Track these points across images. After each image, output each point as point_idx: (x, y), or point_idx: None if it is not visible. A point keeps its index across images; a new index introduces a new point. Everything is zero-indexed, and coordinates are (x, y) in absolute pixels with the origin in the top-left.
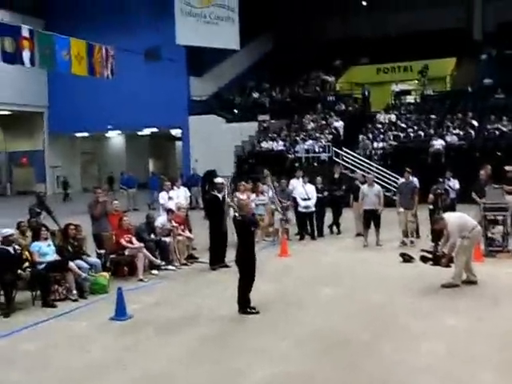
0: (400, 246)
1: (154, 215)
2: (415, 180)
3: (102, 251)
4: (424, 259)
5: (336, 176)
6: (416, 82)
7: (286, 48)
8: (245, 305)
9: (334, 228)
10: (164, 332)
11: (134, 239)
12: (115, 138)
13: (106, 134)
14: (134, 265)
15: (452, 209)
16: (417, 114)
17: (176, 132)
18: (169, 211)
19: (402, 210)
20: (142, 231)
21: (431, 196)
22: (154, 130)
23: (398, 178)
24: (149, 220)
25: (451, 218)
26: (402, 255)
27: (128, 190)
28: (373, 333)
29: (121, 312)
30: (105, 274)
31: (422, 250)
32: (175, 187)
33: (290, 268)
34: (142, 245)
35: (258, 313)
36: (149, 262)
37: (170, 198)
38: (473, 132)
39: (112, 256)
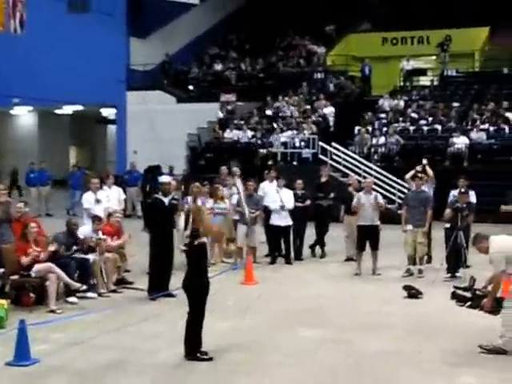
0: (404, 275)
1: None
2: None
3: (0, 270)
4: (459, 298)
5: (322, 180)
6: (434, 58)
7: (262, 4)
8: (194, 348)
9: (318, 249)
10: (82, 382)
11: (42, 254)
12: (24, 116)
13: (11, 111)
14: (43, 290)
15: (467, 229)
16: (433, 102)
17: (108, 112)
18: (95, 219)
19: (410, 227)
20: (59, 243)
21: (448, 211)
22: (79, 107)
23: (405, 187)
24: (71, 227)
25: (499, 241)
26: (407, 288)
27: (39, 188)
28: None
29: (23, 355)
30: (2, 301)
31: (456, 287)
32: (105, 186)
33: (256, 301)
34: (50, 264)
35: (210, 359)
36: (64, 286)
37: (97, 202)
38: (507, 128)
39: (13, 277)
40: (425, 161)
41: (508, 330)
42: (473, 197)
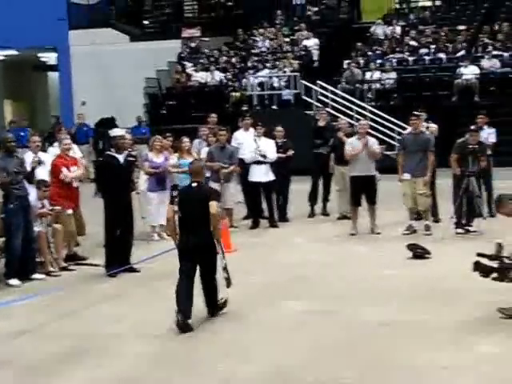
0: (405, 233)
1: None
2: (434, 127)
3: None
4: (482, 269)
5: (321, 124)
6: None
7: None
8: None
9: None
10: (32, 376)
11: None
12: None
13: None
14: None
15: (486, 175)
16: (436, 26)
17: (49, 57)
18: (40, 184)
19: (407, 176)
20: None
21: (454, 155)
22: (11, 52)
23: (405, 128)
24: (7, 145)
25: None
26: (412, 248)
27: None
28: (360, 372)
29: None
30: None
31: (480, 254)
32: (57, 143)
33: (234, 270)
34: None
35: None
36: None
37: (39, 163)
38: None
39: None
40: (422, 115)
41: None
42: (492, 136)
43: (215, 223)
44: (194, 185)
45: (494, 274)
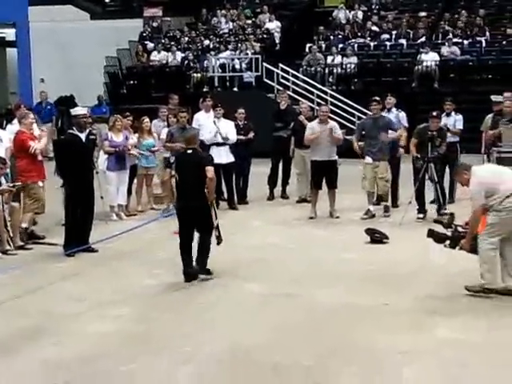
0: (364, 218)
1: None
2: (401, 115)
3: None
4: (435, 237)
5: (282, 107)
6: None
7: None
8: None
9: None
10: None
11: None
12: None
13: None
14: None
15: (452, 160)
16: (397, 12)
17: (7, 33)
18: None
19: (369, 160)
20: None
21: (414, 140)
22: None
23: (365, 113)
24: None
25: (480, 171)
26: (370, 232)
27: None
28: (320, 354)
29: None
30: None
31: (436, 221)
32: (16, 120)
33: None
34: None
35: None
36: None
37: None
38: (484, 41)
39: None
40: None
41: (489, 268)
42: (460, 122)
43: (211, 187)
44: (190, 151)
45: (447, 242)
